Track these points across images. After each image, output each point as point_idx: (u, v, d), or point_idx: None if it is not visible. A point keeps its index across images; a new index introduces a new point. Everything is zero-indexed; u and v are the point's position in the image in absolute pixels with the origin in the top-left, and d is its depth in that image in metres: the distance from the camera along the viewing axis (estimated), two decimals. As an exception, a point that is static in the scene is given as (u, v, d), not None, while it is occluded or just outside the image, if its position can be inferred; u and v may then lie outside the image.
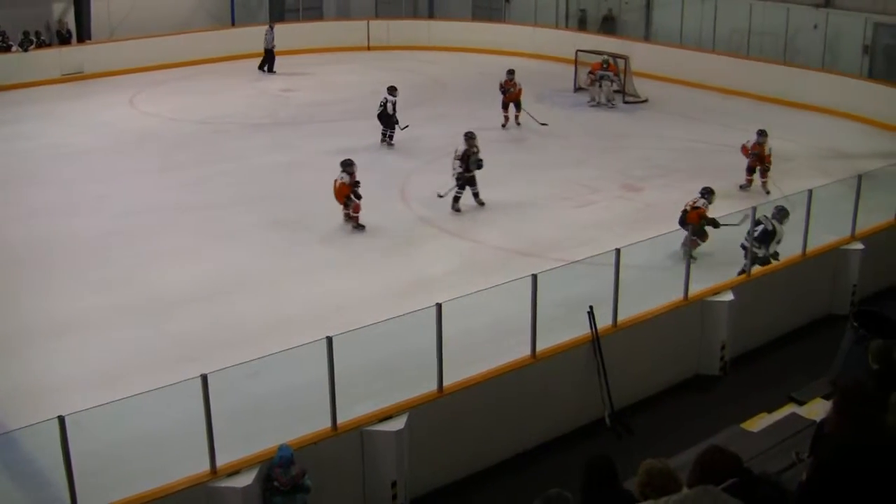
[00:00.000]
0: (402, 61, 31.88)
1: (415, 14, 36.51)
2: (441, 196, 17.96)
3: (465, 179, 18.18)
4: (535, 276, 10.91)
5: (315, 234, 17.21)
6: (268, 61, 30.87)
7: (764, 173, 19.08)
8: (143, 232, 17.19)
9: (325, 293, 14.54)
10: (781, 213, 14.43)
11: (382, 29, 33.98)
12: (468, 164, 18.07)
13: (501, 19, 34.55)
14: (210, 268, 15.64)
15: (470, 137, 18.22)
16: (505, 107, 23.76)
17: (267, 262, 15.87)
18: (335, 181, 17.31)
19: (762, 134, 19.02)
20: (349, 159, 17.53)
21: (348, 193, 17.21)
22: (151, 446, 10.61)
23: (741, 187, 19.10)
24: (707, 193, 15.80)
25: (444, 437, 10.38)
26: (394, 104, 22.22)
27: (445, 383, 10.28)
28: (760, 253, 14.06)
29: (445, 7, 36.21)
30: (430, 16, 36.18)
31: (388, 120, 22.38)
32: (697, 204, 15.58)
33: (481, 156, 18.14)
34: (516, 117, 23.88)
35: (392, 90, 22.28)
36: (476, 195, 18.40)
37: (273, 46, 30.80)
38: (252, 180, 20.08)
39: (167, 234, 17.03)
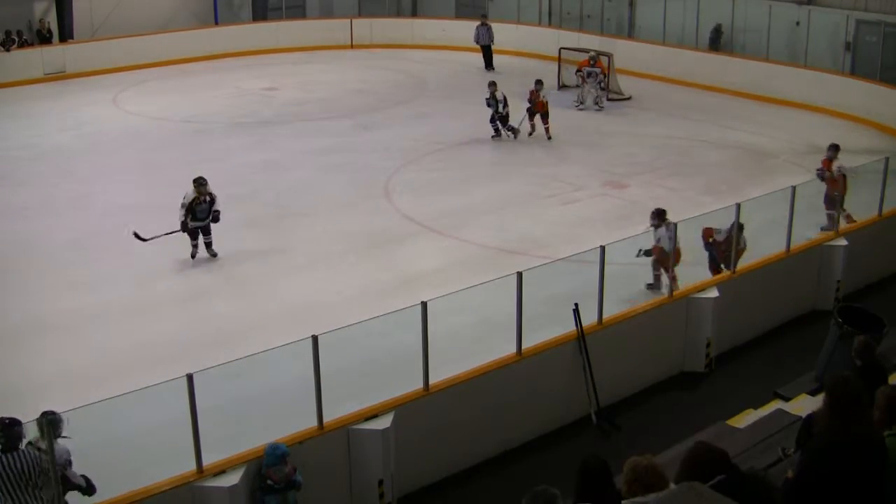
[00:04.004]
0: (386, 60, 31.89)
1: (398, 12, 36.47)
2: (151, 237, 15.64)
3: (193, 230, 15.61)
4: (520, 274, 10.89)
5: (298, 232, 17.17)
6: (487, 58, 30.66)
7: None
8: (125, 231, 17.09)
9: (310, 292, 14.51)
10: None
11: (365, 27, 33.97)
12: (195, 213, 15.42)
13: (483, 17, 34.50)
14: (192, 267, 15.59)
15: (200, 184, 15.53)
16: (531, 115, 22.70)
17: (249, 262, 15.81)
18: None
19: (832, 149, 16.28)
20: None
21: None
22: (137, 446, 10.58)
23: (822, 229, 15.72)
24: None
25: (431, 436, 10.35)
26: (487, 100, 22.25)
27: (431, 382, 10.25)
28: None
29: (429, 5, 36.19)
30: (414, 14, 36.15)
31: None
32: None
33: (219, 207, 15.76)
34: (546, 129, 22.63)
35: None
36: (209, 245, 15.81)
37: (489, 42, 30.54)
38: (234, 179, 19.98)
39: (151, 232, 16.92)
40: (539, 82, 22.68)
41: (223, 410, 10.33)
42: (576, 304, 11.55)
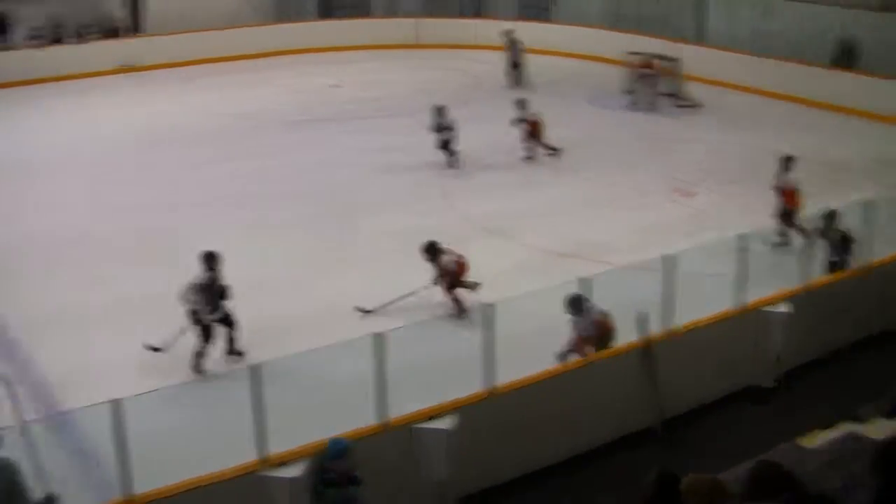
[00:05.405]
0: (448, 60, 31.81)
1: (462, 13, 36.31)
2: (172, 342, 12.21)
3: (206, 327, 12.17)
4: (584, 280, 10.77)
5: (354, 231, 17.10)
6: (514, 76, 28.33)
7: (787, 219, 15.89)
8: (183, 225, 17.36)
9: (367, 290, 14.33)
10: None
11: (429, 27, 33.91)
12: (212, 297, 12.10)
13: (548, 19, 34.25)
14: (247, 263, 15.48)
15: (210, 258, 12.37)
16: (529, 137, 21.13)
17: (305, 258, 15.77)
18: None
19: (787, 160, 16.20)
20: None
21: None
22: (203, 433, 10.63)
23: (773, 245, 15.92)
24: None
25: (493, 438, 10.24)
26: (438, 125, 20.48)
27: (496, 384, 10.13)
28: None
29: (492, 6, 35.98)
30: (477, 15, 35.99)
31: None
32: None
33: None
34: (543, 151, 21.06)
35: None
36: (232, 343, 12.44)
37: (517, 59, 28.25)
38: (292, 176, 20.12)
39: (204, 228, 17.04)
40: (522, 101, 21.24)
41: (289, 402, 10.24)
42: (642, 313, 11.33)
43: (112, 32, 31.87)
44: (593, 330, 11.36)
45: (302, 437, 9.30)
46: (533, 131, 20.88)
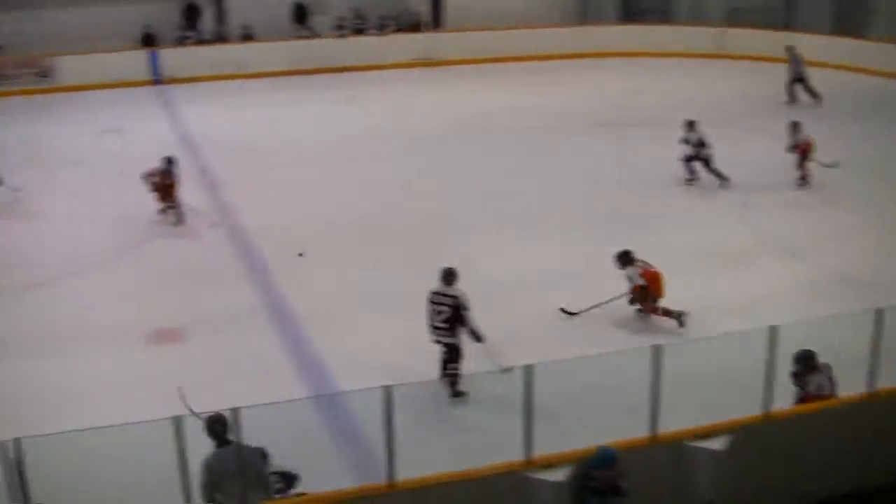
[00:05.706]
0: (750, 72, 30.93)
1: (770, 23, 35.02)
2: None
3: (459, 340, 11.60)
4: (881, 312, 10.19)
5: (645, 238, 16.86)
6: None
7: None
8: (465, 217, 18.06)
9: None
10: None
11: (734, 37, 33.03)
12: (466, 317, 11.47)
13: (864, 34, 32.35)
14: (527, 259, 15.91)
15: (449, 275, 11.71)
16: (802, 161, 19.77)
17: (582, 262, 15.76)
18: None
19: None
20: None
21: None
22: (468, 430, 10.91)
23: None
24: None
25: (766, 464, 9.91)
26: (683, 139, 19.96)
27: (772, 409, 9.81)
28: None
29: (807, 17, 34.36)
30: (786, 26, 34.61)
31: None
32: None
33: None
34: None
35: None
36: (452, 381, 11.55)
37: (796, 76, 27.09)
38: (583, 178, 20.30)
39: (483, 222, 17.74)
40: (795, 125, 19.81)
41: (559, 405, 10.33)
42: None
43: (413, 26, 33.34)
44: (831, 387, 10.72)
45: (567, 441, 9.38)
46: (804, 154, 19.85)
